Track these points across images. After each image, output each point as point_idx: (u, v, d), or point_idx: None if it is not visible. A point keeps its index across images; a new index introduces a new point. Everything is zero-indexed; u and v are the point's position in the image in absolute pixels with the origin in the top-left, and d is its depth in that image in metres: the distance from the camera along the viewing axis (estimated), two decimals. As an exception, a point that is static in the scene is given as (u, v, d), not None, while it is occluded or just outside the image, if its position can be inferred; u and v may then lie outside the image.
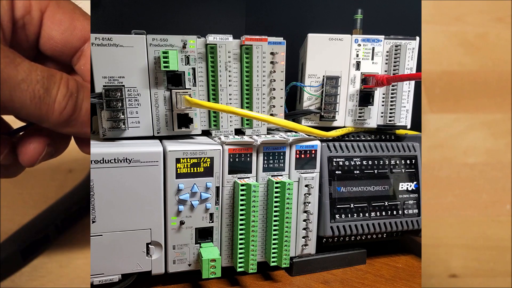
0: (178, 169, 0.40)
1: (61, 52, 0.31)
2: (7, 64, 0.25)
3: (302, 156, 0.45)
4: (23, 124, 0.32)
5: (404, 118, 0.51)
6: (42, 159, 0.31)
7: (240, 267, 0.43)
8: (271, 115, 0.47)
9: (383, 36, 0.50)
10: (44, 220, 0.43)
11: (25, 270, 0.41)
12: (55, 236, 0.43)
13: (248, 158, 0.43)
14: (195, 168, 0.40)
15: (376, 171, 0.49)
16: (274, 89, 0.47)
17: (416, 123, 0.51)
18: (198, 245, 0.42)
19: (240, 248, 0.42)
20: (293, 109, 0.53)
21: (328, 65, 0.49)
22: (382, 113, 0.51)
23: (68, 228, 0.44)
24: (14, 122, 0.32)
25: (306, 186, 0.45)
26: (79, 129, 0.29)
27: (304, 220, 0.46)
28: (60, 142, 0.32)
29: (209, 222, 0.42)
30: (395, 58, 0.49)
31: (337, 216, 0.47)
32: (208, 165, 0.41)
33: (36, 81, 0.26)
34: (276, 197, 0.42)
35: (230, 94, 0.45)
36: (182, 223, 0.41)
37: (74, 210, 0.44)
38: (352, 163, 0.48)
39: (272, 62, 0.46)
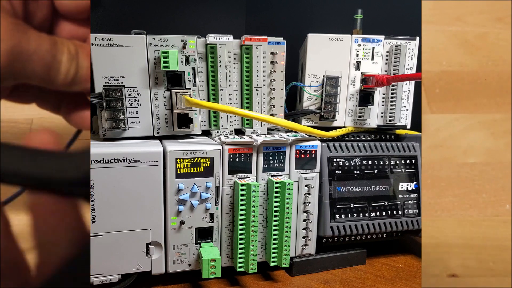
0: (178, 169, 0.40)
1: (76, 9, 0.32)
2: (20, 38, 0.27)
3: (302, 156, 0.45)
4: None
5: (404, 118, 0.51)
6: None
7: (240, 267, 0.43)
8: (271, 115, 0.47)
9: (383, 36, 0.50)
10: None
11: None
12: None
13: (248, 158, 0.43)
14: (195, 168, 0.40)
15: (376, 171, 0.49)
16: (274, 89, 0.47)
17: (416, 123, 0.51)
18: (198, 245, 0.42)
19: (240, 248, 0.42)
20: (293, 109, 0.53)
21: (328, 65, 0.49)
22: (382, 113, 0.51)
23: None
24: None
25: (306, 186, 0.45)
26: (82, 86, 0.31)
27: (304, 220, 0.46)
28: None
29: (209, 222, 0.42)
30: (395, 58, 0.49)
31: (337, 216, 0.47)
32: (208, 165, 0.41)
33: (45, 51, 0.28)
34: (276, 197, 0.42)
35: (230, 94, 0.45)
36: (182, 223, 0.41)
37: None
38: (352, 163, 0.48)
39: (272, 62, 0.46)
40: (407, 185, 0.50)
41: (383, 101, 0.51)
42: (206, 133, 0.47)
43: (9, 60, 0.27)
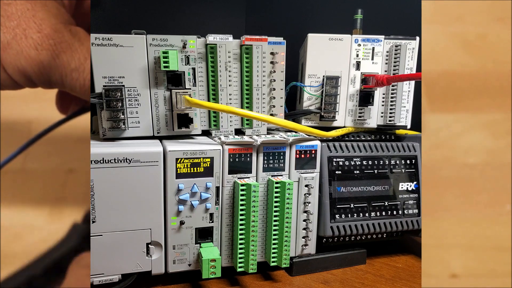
0: (178, 169, 0.40)
1: None
2: (65, 50, 0.25)
3: (302, 156, 0.45)
4: None
5: (404, 118, 0.51)
6: None
7: (240, 267, 0.43)
8: (271, 115, 0.47)
9: (383, 36, 0.50)
10: None
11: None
12: None
13: (248, 158, 0.43)
14: (195, 168, 0.40)
15: (376, 171, 0.49)
16: (274, 89, 0.47)
17: (416, 123, 0.51)
18: (198, 245, 0.42)
19: (240, 248, 0.42)
20: (293, 109, 0.53)
21: (328, 65, 0.49)
22: (382, 113, 0.51)
23: None
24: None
25: (306, 186, 0.45)
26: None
27: (304, 220, 0.46)
28: None
29: (209, 222, 0.42)
30: (395, 58, 0.49)
31: (337, 216, 0.47)
32: (208, 165, 0.41)
33: (87, 71, 0.27)
34: (276, 197, 0.42)
35: (230, 94, 0.45)
36: (182, 223, 0.41)
37: None
38: (352, 163, 0.48)
39: (272, 62, 0.46)
40: (407, 185, 0.50)
41: (383, 101, 0.51)
42: (206, 133, 0.47)
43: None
